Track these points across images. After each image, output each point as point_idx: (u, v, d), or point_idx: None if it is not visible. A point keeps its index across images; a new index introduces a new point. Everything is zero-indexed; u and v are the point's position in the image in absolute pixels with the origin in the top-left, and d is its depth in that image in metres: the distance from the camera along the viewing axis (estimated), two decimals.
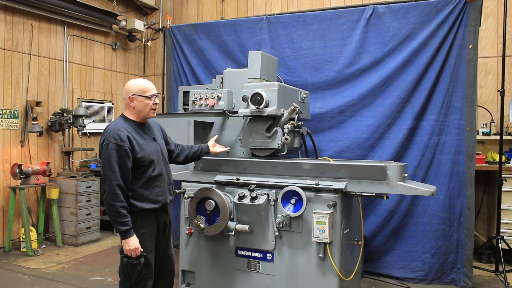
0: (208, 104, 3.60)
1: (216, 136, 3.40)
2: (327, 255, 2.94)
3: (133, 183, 2.55)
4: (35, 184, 5.06)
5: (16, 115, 5.25)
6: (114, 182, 2.43)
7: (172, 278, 2.89)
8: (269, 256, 3.17)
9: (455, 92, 3.87)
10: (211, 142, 3.25)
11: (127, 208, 2.48)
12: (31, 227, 4.95)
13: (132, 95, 2.61)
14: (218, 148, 3.27)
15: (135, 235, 2.49)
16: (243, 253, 3.25)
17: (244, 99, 3.25)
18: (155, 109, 2.69)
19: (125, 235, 2.46)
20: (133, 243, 2.47)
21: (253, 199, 3.06)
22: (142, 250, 2.53)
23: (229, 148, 3.41)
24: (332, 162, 3.15)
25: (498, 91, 4.22)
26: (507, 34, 4.25)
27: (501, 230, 4.11)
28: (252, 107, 3.23)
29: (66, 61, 5.92)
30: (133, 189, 2.55)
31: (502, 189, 4.13)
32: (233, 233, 3.19)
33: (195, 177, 3.51)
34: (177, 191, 3.52)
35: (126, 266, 2.54)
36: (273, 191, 3.11)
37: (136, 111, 2.63)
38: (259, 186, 3.15)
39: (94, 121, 6.19)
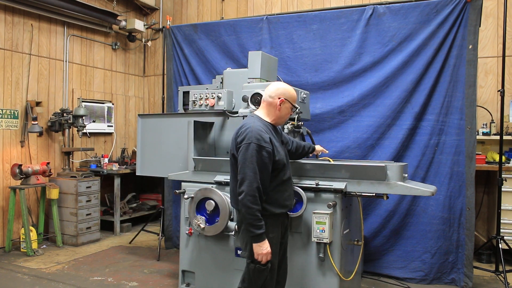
0: (208, 104, 3.59)
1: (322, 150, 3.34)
2: (327, 255, 2.94)
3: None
4: (35, 184, 5.06)
5: (16, 115, 5.25)
6: (254, 185, 2.35)
7: (285, 281, 2.83)
8: None
9: (455, 92, 3.87)
10: (319, 146, 3.28)
11: (261, 211, 2.40)
12: (31, 227, 4.95)
13: (285, 98, 2.59)
14: (320, 148, 3.29)
15: (267, 239, 2.43)
16: None
17: (244, 99, 3.26)
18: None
19: (258, 239, 2.39)
20: (266, 247, 2.40)
21: None
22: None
23: (326, 151, 3.36)
24: (332, 162, 3.15)
25: (498, 91, 4.22)
26: (507, 34, 4.24)
27: (501, 230, 4.11)
28: (252, 107, 3.23)
29: (66, 61, 5.92)
30: (265, 192, 2.47)
31: (502, 189, 4.13)
32: (233, 233, 3.19)
33: (195, 177, 3.51)
34: (177, 191, 3.52)
35: (254, 272, 2.48)
36: None
37: (279, 114, 2.62)
38: None
39: (94, 121, 6.19)
